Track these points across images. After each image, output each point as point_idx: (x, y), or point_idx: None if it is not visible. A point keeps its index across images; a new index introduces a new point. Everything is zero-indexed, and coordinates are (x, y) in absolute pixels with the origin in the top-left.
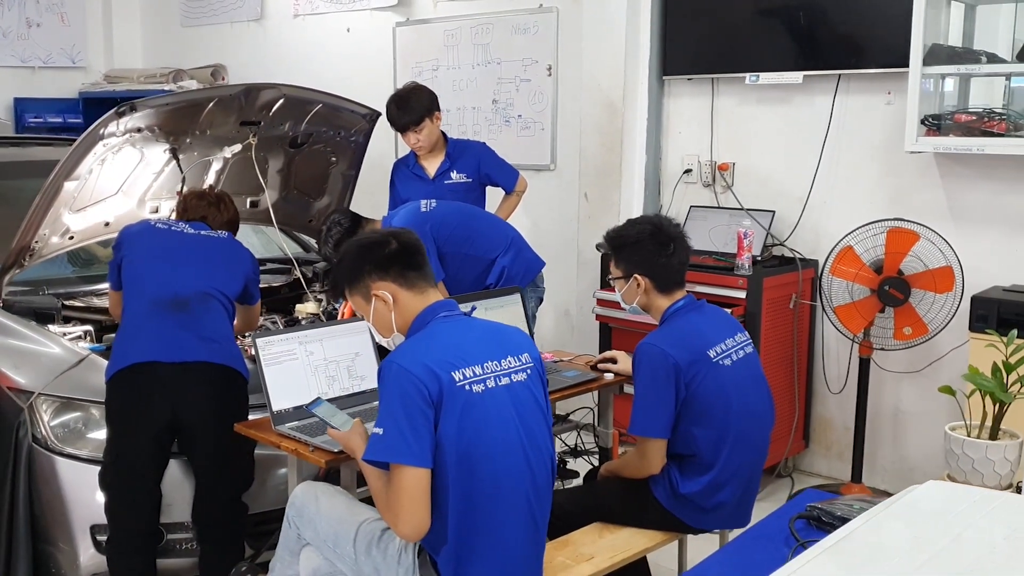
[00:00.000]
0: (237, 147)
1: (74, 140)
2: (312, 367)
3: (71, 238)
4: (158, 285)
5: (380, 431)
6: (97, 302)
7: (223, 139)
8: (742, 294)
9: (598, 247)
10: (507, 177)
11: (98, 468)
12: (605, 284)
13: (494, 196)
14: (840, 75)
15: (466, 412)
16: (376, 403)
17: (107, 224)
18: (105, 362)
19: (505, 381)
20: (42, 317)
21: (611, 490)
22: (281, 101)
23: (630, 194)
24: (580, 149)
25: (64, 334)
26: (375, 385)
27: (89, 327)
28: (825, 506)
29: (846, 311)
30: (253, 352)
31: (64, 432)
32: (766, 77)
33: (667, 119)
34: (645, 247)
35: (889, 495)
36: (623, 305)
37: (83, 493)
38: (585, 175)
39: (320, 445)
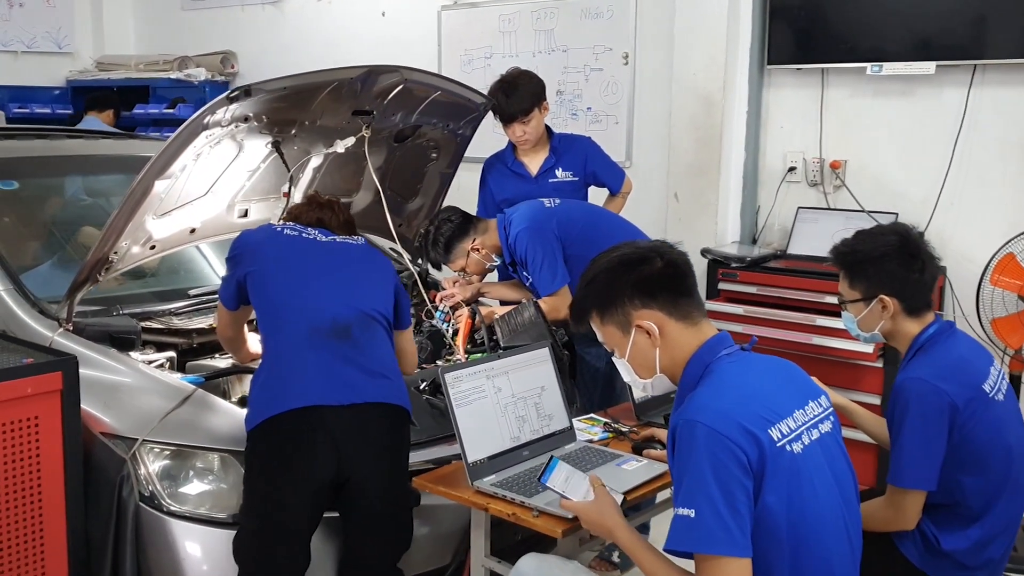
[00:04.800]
0: (351, 140)
1: (68, 130)
2: (502, 406)
3: (152, 248)
4: (311, 308)
5: (691, 513)
6: (177, 323)
7: (331, 131)
8: None
9: (704, 253)
10: (614, 176)
11: (224, 531)
12: (714, 294)
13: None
14: (975, 65)
15: (793, 480)
16: (571, 447)
17: (193, 231)
18: (215, 399)
19: (815, 434)
20: (119, 343)
21: None
22: (400, 88)
23: (727, 194)
24: (669, 145)
25: (149, 363)
26: (564, 425)
27: (172, 353)
28: None
29: (1007, 324)
30: None
31: (176, 488)
32: (891, 67)
33: (766, 112)
34: (891, 262)
35: None
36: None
37: (207, 563)
38: (675, 173)
39: (546, 508)
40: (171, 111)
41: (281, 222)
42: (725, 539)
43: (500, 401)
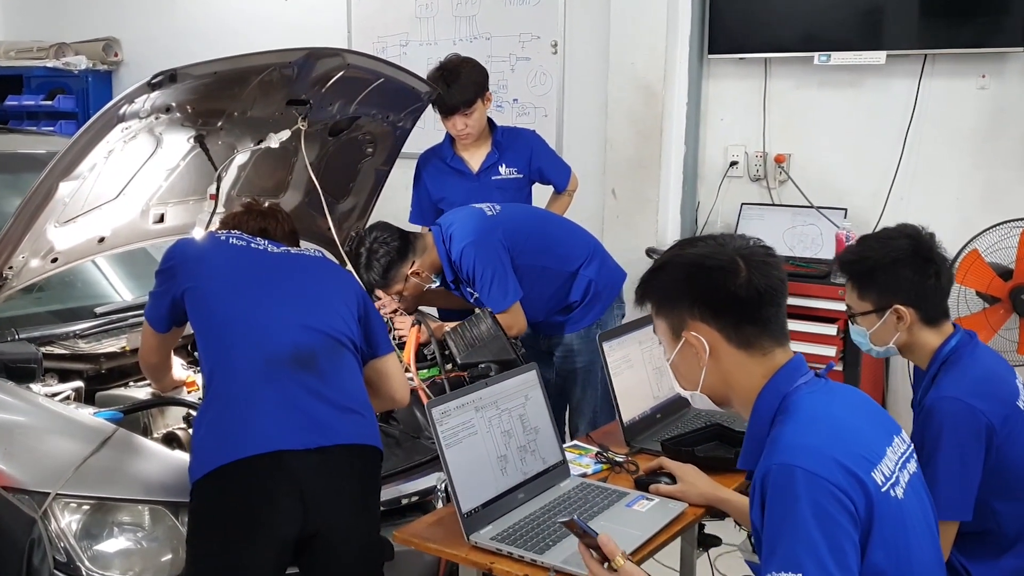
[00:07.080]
0: (285, 133)
1: None
2: (493, 443)
3: (54, 260)
4: (267, 333)
5: None
6: (83, 346)
7: (261, 123)
8: (843, 306)
9: (649, 253)
10: (561, 173)
11: None
12: None
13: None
14: (926, 55)
15: (900, 532)
16: (566, 485)
17: (101, 240)
18: (139, 439)
19: (907, 475)
20: (17, 374)
21: None
22: (340, 74)
23: (667, 190)
24: (606, 139)
25: (53, 395)
26: (557, 459)
27: (79, 383)
28: None
29: (973, 323)
30: None
31: (98, 549)
32: (839, 57)
33: (706, 104)
34: (904, 268)
35: None
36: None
37: None
38: (614, 169)
39: (564, 568)
40: (49, 103)
41: (224, 230)
42: None
43: (492, 437)
